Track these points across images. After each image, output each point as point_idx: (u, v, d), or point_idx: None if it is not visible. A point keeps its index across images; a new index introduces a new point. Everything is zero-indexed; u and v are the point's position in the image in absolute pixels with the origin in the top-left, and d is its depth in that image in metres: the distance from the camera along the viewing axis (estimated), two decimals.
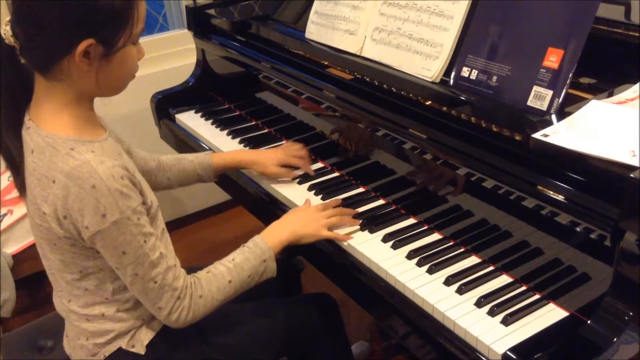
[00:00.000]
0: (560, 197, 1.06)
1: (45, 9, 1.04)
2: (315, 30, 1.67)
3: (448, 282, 1.19)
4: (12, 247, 2.11)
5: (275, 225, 1.37)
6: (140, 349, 1.26)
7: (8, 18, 1.09)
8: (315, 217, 1.37)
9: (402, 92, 1.39)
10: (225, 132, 1.89)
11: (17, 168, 1.16)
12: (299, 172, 1.61)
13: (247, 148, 1.78)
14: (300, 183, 1.58)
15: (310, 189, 1.54)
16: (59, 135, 1.10)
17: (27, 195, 1.16)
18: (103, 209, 1.07)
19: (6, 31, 1.08)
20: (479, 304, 1.13)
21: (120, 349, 1.26)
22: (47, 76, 1.10)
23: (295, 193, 1.54)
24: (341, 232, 1.37)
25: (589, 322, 0.99)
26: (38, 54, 1.08)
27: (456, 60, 1.32)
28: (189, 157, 1.58)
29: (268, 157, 1.60)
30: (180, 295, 1.17)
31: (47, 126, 1.12)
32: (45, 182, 1.10)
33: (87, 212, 1.07)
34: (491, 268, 1.23)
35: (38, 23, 1.05)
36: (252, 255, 1.27)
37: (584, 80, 1.26)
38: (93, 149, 1.10)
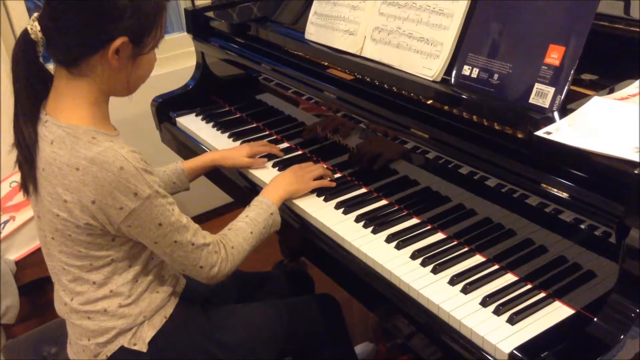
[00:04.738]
0: (564, 195, 1.05)
1: (85, 7, 1.08)
2: (315, 31, 1.67)
3: (453, 281, 1.19)
4: (15, 254, 2.11)
5: (269, 187, 1.49)
6: (143, 347, 1.27)
7: (36, 14, 1.13)
8: (300, 174, 1.53)
9: (403, 92, 1.38)
10: (227, 134, 1.89)
11: (30, 162, 1.18)
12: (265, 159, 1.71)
13: None
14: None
15: (313, 190, 1.54)
16: (79, 126, 1.14)
17: (42, 190, 1.18)
18: (134, 187, 1.12)
19: (34, 27, 1.12)
20: (485, 303, 1.13)
21: (122, 347, 1.26)
22: (73, 71, 1.14)
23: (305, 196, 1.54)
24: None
25: (595, 319, 0.98)
26: (69, 50, 1.12)
27: (457, 58, 1.31)
28: (161, 169, 1.61)
29: (237, 151, 1.69)
30: (216, 249, 1.26)
31: (66, 118, 1.15)
32: (67, 170, 1.12)
33: (120, 194, 1.11)
34: (496, 267, 1.22)
35: (76, 20, 1.09)
36: (261, 210, 1.40)
37: (586, 76, 1.25)
38: (111, 139, 1.15)
